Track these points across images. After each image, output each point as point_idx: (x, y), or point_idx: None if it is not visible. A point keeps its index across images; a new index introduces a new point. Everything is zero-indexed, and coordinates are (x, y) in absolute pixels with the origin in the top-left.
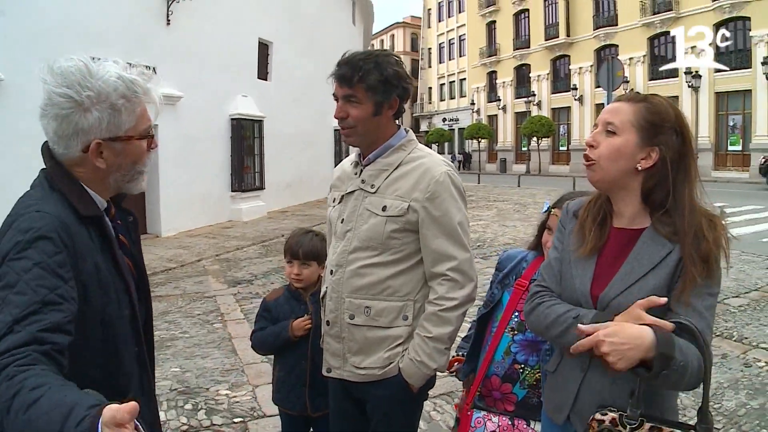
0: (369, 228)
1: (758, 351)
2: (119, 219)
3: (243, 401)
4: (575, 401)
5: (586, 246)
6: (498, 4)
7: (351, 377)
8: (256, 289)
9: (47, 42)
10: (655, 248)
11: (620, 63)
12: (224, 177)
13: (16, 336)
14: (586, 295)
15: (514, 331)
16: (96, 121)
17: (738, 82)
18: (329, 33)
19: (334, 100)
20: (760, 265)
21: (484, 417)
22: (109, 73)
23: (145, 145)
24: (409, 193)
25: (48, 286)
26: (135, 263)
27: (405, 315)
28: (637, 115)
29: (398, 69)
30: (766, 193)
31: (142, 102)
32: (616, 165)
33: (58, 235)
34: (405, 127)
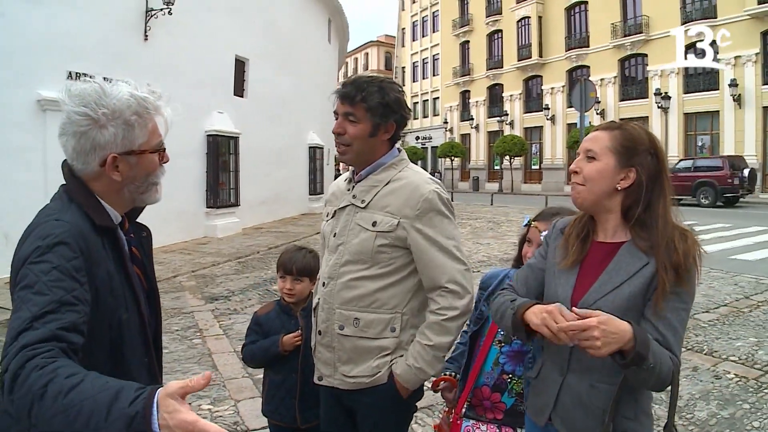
0: (359, 242)
1: (727, 363)
2: (132, 233)
3: (225, 416)
4: (556, 403)
5: (569, 259)
6: (472, 24)
7: (341, 385)
8: (233, 305)
9: (26, 56)
10: (632, 260)
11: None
12: (199, 193)
13: (35, 332)
14: (567, 301)
15: (501, 343)
16: (112, 136)
17: (706, 104)
18: (305, 51)
19: (335, 118)
20: (729, 281)
21: (473, 426)
22: (122, 92)
23: (158, 159)
24: (399, 210)
25: (65, 288)
26: (146, 275)
27: (393, 327)
28: (613, 141)
29: (399, 96)
30: (734, 212)
31: (153, 118)
32: (597, 187)
33: (75, 241)
34: (399, 147)
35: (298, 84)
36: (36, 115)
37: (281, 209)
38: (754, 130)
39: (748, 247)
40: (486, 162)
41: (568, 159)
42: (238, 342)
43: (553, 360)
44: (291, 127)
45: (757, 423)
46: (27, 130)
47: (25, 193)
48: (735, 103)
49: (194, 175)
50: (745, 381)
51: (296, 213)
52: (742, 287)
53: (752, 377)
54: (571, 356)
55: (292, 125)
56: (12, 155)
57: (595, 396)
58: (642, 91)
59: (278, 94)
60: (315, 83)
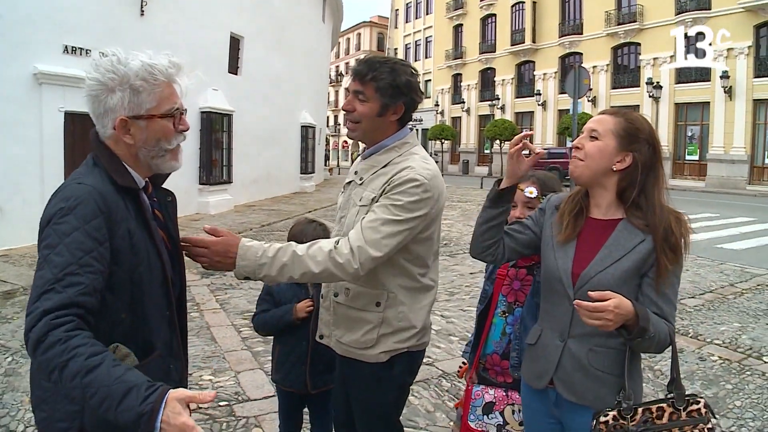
0: (350, 216)
1: (711, 346)
2: (156, 197)
3: (227, 386)
4: (557, 367)
5: (563, 233)
6: (465, 7)
7: (336, 348)
8: (229, 280)
9: (21, 30)
10: (630, 237)
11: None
12: (192, 170)
13: (57, 295)
14: (567, 272)
15: (506, 314)
16: (119, 100)
17: (697, 94)
18: (299, 30)
19: (346, 95)
20: (714, 269)
21: (482, 390)
22: (135, 61)
23: (171, 125)
24: (379, 187)
25: (84, 249)
26: (170, 237)
27: (378, 302)
28: (616, 125)
29: (411, 79)
30: (720, 202)
31: (164, 85)
32: (595, 163)
33: (95, 202)
34: (410, 126)
35: (292, 63)
36: (32, 89)
37: (273, 187)
38: (744, 122)
39: (733, 237)
40: (476, 145)
41: (558, 144)
42: (235, 315)
43: (553, 327)
44: (284, 106)
45: (739, 402)
46: (22, 104)
47: (21, 167)
48: (726, 94)
49: (187, 151)
50: (728, 363)
51: (288, 191)
52: (728, 275)
53: (735, 360)
54: (572, 323)
55: (285, 104)
56: (7, 129)
57: (594, 359)
58: (634, 80)
59: (272, 72)
60: (308, 63)
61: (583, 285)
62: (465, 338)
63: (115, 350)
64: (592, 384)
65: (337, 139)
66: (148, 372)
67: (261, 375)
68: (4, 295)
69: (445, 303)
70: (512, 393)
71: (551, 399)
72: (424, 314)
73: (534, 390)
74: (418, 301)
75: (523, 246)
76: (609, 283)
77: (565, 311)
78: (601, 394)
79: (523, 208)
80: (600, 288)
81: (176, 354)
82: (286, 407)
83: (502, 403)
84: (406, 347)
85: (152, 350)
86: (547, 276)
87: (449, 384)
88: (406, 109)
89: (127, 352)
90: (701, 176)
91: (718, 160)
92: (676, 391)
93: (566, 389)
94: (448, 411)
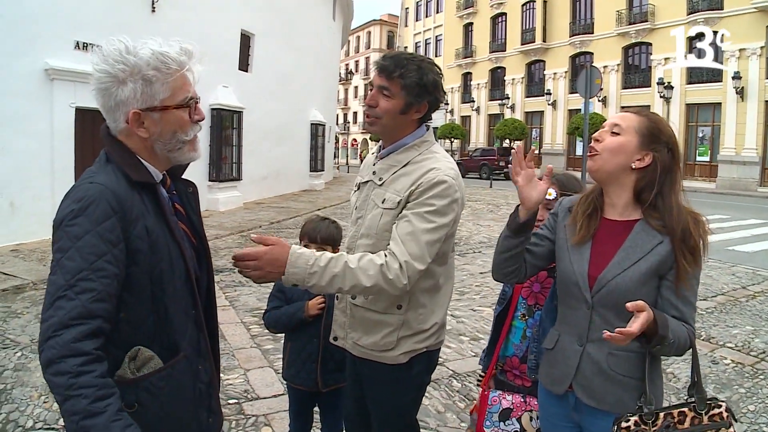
0: (371, 218)
1: (724, 349)
2: (175, 190)
3: (236, 384)
4: (577, 372)
5: (578, 235)
6: (476, 6)
7: (352, 350)
8: (238, 277)
9: (32, 25)
10: (647, 238)
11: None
12: (202, 166)
13: (70, 303)
14: (583, 275)
15: (525, 317)
16: (131, 92)
17: (708, 95)
18: (309, 28)
19: (369, 89)
20: (726, 271)
21: (499, 396)
22: (144, 50)
23: (186, 116)
24: (405, 189)
25: (97, 253)
26: (194, 230)
27: (399, 304)
28: (640, 123)
29: (437, 78)
30: (731, 204)
31: (178, 74)
32: (615, 159)
33: (107, 202)
34: (427, 125)
35: (302, 60)
36: (43, 84)
37: (282, 185)
38: (756, 123)
39: (745, 239)
40: (486, 145)
41: (567, 145)
42: (244, 313)
43: (571, 332)
44: (294, 104)
45: (752, 407)
46: (34, 99)
47: (31, 162)
48: (738, 95)
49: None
50: (741, 367)
51: (297, 189)
52: (739, 277)
53: (748, 363)
54: (590, 327)
55: (295, 102)
56: (18, 124)
57: (614, 363)
58: (645, 80)
59: (282, 70)
60: (319, 60)
61: (601, 288)
62: (476, 338)
63: (137, 354)
64: (612, 388)
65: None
66: (175, 374)
67: (270, 373)
68: (15, 289)
69: (455, 303)
70: (531, 399)
71: (570, 403)
72: (442, 312)
73: (552, 395)
74: (437, 300)
75: (544, 258)
76: (627, 286)
77: (583, 315)
78: (621, 398)
79: (542, 210)
80: (618, 291)
81: (204, 354)
82: (296, 405)
83: (519, 409)
84: (425, 347)
85: (177, 351)
86: (563, 279)
87: (460, 384)
88: (429, 108)
89: (150, 354)
90: (712, 177)
91: (729, 162)
92: (698, 395)
93: (586, 394)
94: (459, 411)
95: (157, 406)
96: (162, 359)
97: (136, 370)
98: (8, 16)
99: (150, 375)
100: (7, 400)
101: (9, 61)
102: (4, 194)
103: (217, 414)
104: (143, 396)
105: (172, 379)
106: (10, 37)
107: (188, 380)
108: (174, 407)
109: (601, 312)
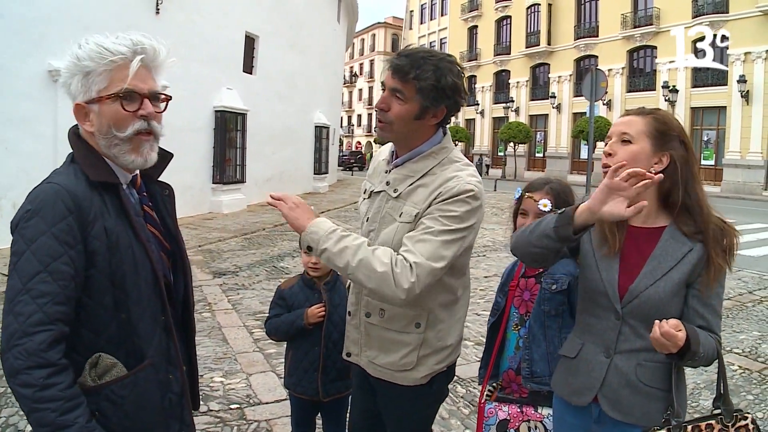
0: (386, 232)
1: (731, 355)
2: (148, 191)
3: (238, 388)
4: (603, 384)
5: (611, 247)
6: (480, 9)
7: (367, 368)
8: (241, 280)
9: (37, 27)
10: (677, 246)
11: (604, 74)
12: (206, 169)
13: (28, 308)
14: (613, 286)
15: (518, 326)
16: (76, 85)
17: (713, 98)
18: (314, 30)
19: (381, 89)
20: (732, 276)
21: (495, 407)
22: (89, 44)
23: (120, 108)
24: (423, 201)
25: (52, 255)
26: (168, 234)
27: (418, 323)
28: (648, 125)
29: (457, 81)
30: (736, 208)
31: (114, 65)
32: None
33: (63, 202)
34: (444, 129)
35: (307, 63)
36: (47, 86)
37: (286, 187)
38: (761, 127)
39: (750, 243)
40: (490, 148)
41: (572, 148)
42: (247, 317)
43: (596, 342)
44: (298, 106)
45: (760, 414)
46: (37, 101)
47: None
48: (743, 99)
49: (201, 150)
50: (749, 373)
51: (301, 192)
52: (746, 282)
53: (756, 370)
54: (618, 339)
55: (299, 104)
56: (22, 126)
57: (643, 374)
58: (650, 83)
59: (287, 72)
60: (323, 63)
61: (632, 299)
62: (480, 343)
63: (98, 360)
64: (640, 400)
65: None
66: (140, 382)
67: (273, 378)
68: None
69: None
70: (527, 408)
71: (593, 415)
72: (460, 327)
73: (571, 406)
74: (455, 315)
75: (571, 250)
76: (660, 297)
77: (612, 326)
78: (648, 409)
79: (534, 219)
80: (651, 302)
81: (175, 362)
82: (298, 413)
83: (516, 420)
84: (445, 365)
85: (143, 358)
86: (589, 289)
87: (464, 390)
88: (448, 112)
89: (112, 361)
90: (717, 181)
91: (734, 165)
92: (724, 408)
93: (611, 407)
94: (463, 418)
95: (121, 416)
96: (127, 367)
97: (98, 378)
98: (13, 18)
99: (111, 383)
100: (7, 404)
101: (14, 63)
102: (8, 196)
103: (189, 426)
104: (104, 405)
105: (137, 388)
106: (14, 38)
107: (155, 389)
108: (139, 417)
109: (631, 323)
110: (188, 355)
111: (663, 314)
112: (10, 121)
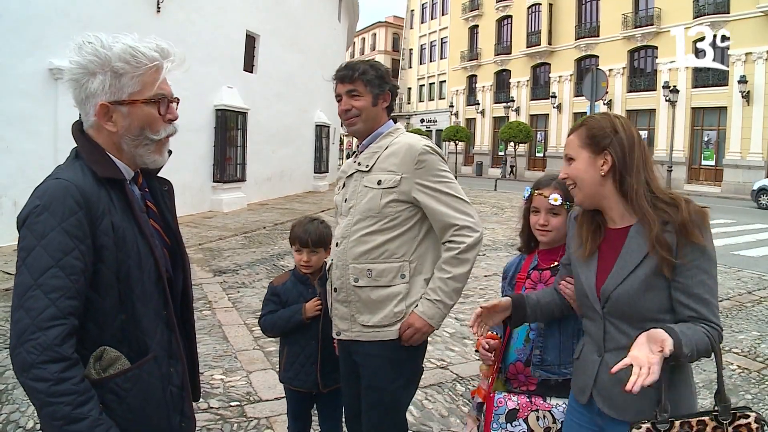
0: (367, 201)
1: (730, 355)
2: (148, 187)
3: (238, 386)
4: (595, 381)
5: (584, 248)
6: (481, 9)
7: (360, 336)
8: (241, 278)
9: (37, 25)
10: (642, 241)
11: (604, 74)
12: (206, 167)
13: (40, 303)
14: (592, 288)
15: None
16: (100, 84)
17: (714, 99)
18: (315, 29)
19: (337, 101)
20: (732, 276)
21: (504, 397)
22: (118, 44)
23: (155, 112)
24: (399, 167)
25: (64, 250)
26: (169, 230)
27: (402, 274)
28: (580, 137)
29: (387, 69)
30: (736, 208)
31: (148, 69)
32: (586, 180)
33: (73, 197)
34: (395, 119)
35: (307, 62)
36: (47, 85)
37: (286, 186)
38: (762, 127)
39: (750, 244)
40: (490, 147)
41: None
42: (247, 315)
43: (591, 342)
44: (298, 105)
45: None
46: (37, 99)
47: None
48: (744, 99)
49: (202, 149)
50: (748, 373)
51: (301, 190)
52: (745, 282)
53: (754, 369)
54: (605, 338)
55: (299, 103)
56: (22, 124)
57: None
58: (650, 84)
59: (287, 71)
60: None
61: (607, 300)
62: None
63: (103, 354)
64: (632, 397)
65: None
66: (143, 375)
67: (273, 375)
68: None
69: (459, 305)
70: (536, 399)
71: (595, 410)
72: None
73: (580, 404)
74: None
75: None
76: (630, 295)
77: (599, 326)
78: (642, 407)
79: (546, 215)
80: (622, 301)
81: (176, 356)
82: (295, 406)
83: (525, 409)
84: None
85: (146, 352)
86: (578, 292)
87: (463, 388)
88: (392, 95)
89: (116, 355)
90: (717, 182)
91: (735, 166)
92: (721, 404)
93: (606, 404)
94: (462, 416)
95: (124, 409)
96: (130, 360)
97: (102, 371)
98: (13, 16)
99: (116, 376)
100: (8, 401)
101: (14, 61)
102: (9, 194)
103: (189, 418)
104: (108, 398)
105: (140, 381)
106: (14, 37)
107: (157, 382)
108: (142, 410)
109: (613, 322)
110: (189, 348)
111: (639, 311)
112: (10, 120)
